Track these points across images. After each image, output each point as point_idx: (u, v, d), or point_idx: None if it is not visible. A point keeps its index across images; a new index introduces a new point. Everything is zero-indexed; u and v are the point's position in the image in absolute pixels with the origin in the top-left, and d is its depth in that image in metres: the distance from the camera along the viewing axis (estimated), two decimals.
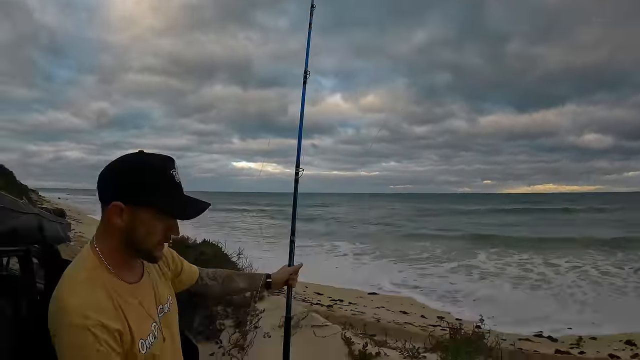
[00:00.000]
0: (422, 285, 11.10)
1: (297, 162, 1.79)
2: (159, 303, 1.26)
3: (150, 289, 1.25)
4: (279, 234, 24.21)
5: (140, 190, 1.08)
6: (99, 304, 1.03)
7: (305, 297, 7.60)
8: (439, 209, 50.56)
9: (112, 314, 1.05)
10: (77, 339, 0.98)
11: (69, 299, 1.01)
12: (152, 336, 1.16)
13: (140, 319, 1.14)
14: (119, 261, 1.14)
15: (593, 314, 8.35)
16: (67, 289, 1.05)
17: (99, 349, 0.99)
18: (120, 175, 1.10)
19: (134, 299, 1.14)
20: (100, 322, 1.00)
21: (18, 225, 1.58)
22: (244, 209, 53.16)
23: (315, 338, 3.15)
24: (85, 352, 0.98)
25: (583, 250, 16.98)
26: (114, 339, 1.02)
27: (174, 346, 1.30)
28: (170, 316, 1.31)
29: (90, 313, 1.00)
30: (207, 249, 5.09)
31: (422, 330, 6.59)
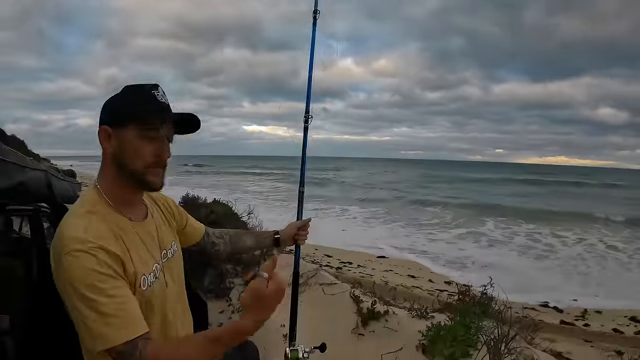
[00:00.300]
0: (430, 251, 11.19)
1: (307, 108, 1.69)
2: (162, 247, 1.23)
3: (154, 231, 1.22)
4: (289, 197, 24.43)
5: (123, 108, 1.10)
6: (99, 230, 1.02)
7: (314, 259, 7.70)
8: (450, 176, 50.18)
9: (113, 241, 1.03)
10: (76, 263, 0.96)
11: (68, 231, 1.00)
12: (154, 276, 1.12)
13: (143, 255, 1.11)
14: (120, 196, 1.13)
15: (598, 287, 8.37)
16: (66, 223, 1.04)
17: (101, 271, 0.96)
18: (108, 102, 1.14)
19: (135, 235, 1.12)
20: (100, 245, 0.98)
21: (25, 180, 1.55)
22: (252, 172, 53.43)
23: (324, 296, 3.17)
24: (87, 275, 0.95)
25: (592, 225, 16.86)
26: (115, 262, 1.00)
27: (178, 293, 1.27)
28: (173, 262, 1.28)
29: (90, 238, 0.98)
30: (217, 208, 5.11)
31: (430, 294, 6.67)
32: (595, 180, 53.93)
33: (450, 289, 7.30)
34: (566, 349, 5.13)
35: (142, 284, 1.06)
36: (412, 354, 2.45)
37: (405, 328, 2.67)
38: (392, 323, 2.74)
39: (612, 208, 22.33)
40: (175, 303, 1.22)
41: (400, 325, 2.71)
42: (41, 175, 1.75)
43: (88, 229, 1.00)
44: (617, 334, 6.05)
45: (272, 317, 1.00)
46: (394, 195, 28.34)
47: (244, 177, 45.21)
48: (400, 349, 2.50)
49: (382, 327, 2.73)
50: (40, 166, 1.77)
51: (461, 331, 2.38)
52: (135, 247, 1.09)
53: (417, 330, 2.54)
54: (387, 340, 2.62)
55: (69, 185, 1.97)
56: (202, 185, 30.15)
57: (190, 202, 5.47)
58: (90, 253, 0.96)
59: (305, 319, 3.04)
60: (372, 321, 2.79)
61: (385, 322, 2.76)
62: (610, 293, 7.92)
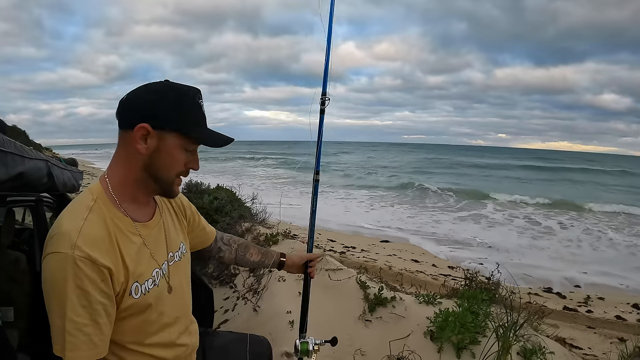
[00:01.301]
0: (434, 233, 11.19)
1: (324, 90, 1.60)
2: (169, 249, 1.18)
3: (161, 232, 1.17)
4: (292, 182, 24.39)
5: (170, 113, 1.03)
6: (93, 234, 0.96)
7: (318, 243, 7.71)
8: (452, 161, 49.94)
9: (105, 247, 0.98)
10: (59, 268, 0.92)
11: (64, 224, 0.96)
12: (152, 282, 1.08)
13: (140, 261, 1.06)
14: (129, 194, 1.08)
15: (601, 275, 8.34)
16: (64, 215, 1.00)
17: (79, 285, 0.92)
18: (149, 98, 1.04)
19: (138, 237, 1.07)
20: (89, 256, 0.93)
21: (25, 170, 1.52)
22: (255, 157, 53.33)
23: (330, 282, 3.15)
24: (64, 285, 0.92)
25: (596, 211, 16.77)
26: (101, 277, 0.95)
27: (181, 298, 1.22)
28: (181, 266, 1.23)
29: (80, 243, 0.93)
30: (221, 193, 5.09)
31: (434, 279, 6.69)
32: (599, 166, 52.30)
33: (454, 274, 7.33)
34: (569, 334, 5.16)
35: (135, 292, 1.03)
36: (420, 340, 2.43)
37: (413, 314, 2.65)
38: (399, 309, 2.72)
39: (616, 196, 22.09)
40: (178, 308, 1.18)
41: (408, 311, 2.69)
42: (42, 165, 1.71)
43: (82, 232, 0.95)
44: (620, 321, 6.06)
45: (280, 303, 1.10)
46: (396, 179, 28.30)
47: (246, 162, 45.15)
48: (408, 335, 2.49)
49: (389, 314, 2.71)
50: (41, 155, 1.73)
51: (469, 318, 2.36)
52: (132, 252, 1.04)
53: (425, 317, 2.53)
54: (394, 327, 2.60)
55: (71, 174, 1.93)
56: (204, 171, 30.19)
57: (194, 188, 5.45)
58: (75, 264, 0.92)
59: (312, 305, 3.03)
60: (379, 307, 2.77)
61: (392, 308, 2.74)
62: (615, 280, 7.92)
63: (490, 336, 2.30)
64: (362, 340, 2.57)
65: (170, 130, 1.03)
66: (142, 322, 1.06)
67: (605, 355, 4.20)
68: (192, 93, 1.08)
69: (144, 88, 1.06)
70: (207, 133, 1.10)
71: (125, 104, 1.06)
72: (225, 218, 4.62)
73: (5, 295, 1.77)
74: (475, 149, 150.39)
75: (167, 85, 1.07)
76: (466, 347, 2.30)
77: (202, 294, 2.04)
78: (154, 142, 1.03)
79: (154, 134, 1.02)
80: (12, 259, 1.85)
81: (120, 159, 1.07)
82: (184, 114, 1.05)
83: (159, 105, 1.03)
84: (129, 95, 1.06)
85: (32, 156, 1.60)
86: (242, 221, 4.74)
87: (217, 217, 4.67)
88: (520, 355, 2.33)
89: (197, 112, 1.08)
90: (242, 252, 1.59)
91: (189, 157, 1.09)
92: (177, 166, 1.08)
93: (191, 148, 1.08)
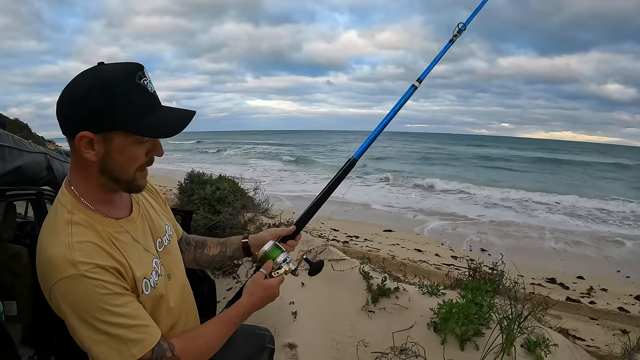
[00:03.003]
0: (436, 224, 11.16)
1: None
2: (156, 236, 1.14)
3: (144, 221, 1.12)
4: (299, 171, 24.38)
5: (107, 113, 0.89)
6: (86, 243, 0.91)
7: (321, 232, 7.68)
8: (456, 151, 49.51)
9: (105, 250, 0.94)
10: (75, 291, 0.87)
11: (52, 250, 0.89)
12: (156, 274, 1.05)
13: (139, 257, 1.03)
14: (100, 198, 1.01)
15: (604, 266, 8.31)
16: (46, 240, 0.92)
17: (103, 293, 0.89)
18: (81, 99, 0.89)
19: (126, 234, 1.02)
20: (95, 264, 0.89)
21: (23, 164, 1.49)
22: (257, 147, 53.26)
23: (333, 272, 3.14)
24: (92, 301, 0.88)
25: (600, 202, 16.66)
26: (115, 277, 0.92)
27: (181, 283, 1.19)
28: (171, 249, 1.20)
29: (80, 257, 0.88)
30: (223, 184, 5.07)
31: (437, 269, 6.68)
32: (605, 157, 50.31)
33: (457, 264, 7.32)
34: (572, 326, 5.15)
35: (145, 289, 1.00)
36: (424, 331, 2.42)
37: (416, 305, 2.64)
38: (402, 300, 2.71)
39: (623, 189, 21.75)
40: (179, 293, 1.16)
41: (411, 302, 2.68)
42: (41, 158, 1.69)
43: (75, 246, 0.89)
44: (622, 313, 6.05)
45: (283, 294, 1.09)
46: (400, 167, 28.21)
47: (249, 150, 45.07)
48: (411, 326, 2.48)
49: (392, 304, 2.70)
50: (40, 149, 1.70)
51: (473, 309, 2.34)
52: (130, 250, 1.01)
53: (429, 308, 2.51)
54: (397, 318, 2.59)
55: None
56: (206, 161, 30.19)
57: (196, 179, 5.43)
58: (87, 276, 0.87)
59: (315, 295, 3.03)
60: (383, 298, 2.76)
61: (395, 299, 2.73)
62: (616, 272, 7.89)
63: (494, 328, 2.28)
64: (365, 331, 2.57)
65: (113, 130, 0.91)
66: (158, 316, 1.05)
67: (607, 347, 4.20)
68: (125, 75, 0.91)
69: (76, 84, 0.92)
70: (157, 121, 0.94)
71: (60, 108, 0.93)
72: (227, 208, 4.60)
73: (7, 289, 1.77)
74: (477, 138, 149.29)
75: (101, 75, 0.90)
76: (470, 339, 2.29)
77: (206, 286, 2.04)
78: (101, 147, 0.92)
79: (98, 138, 0.91)
80: (14, 253, 1.84)
81: (77, 167, 0.98)
82: (121, 107, 0.89)
83: (87, 106, 0.88)
84: (61, 96, 0.93)
85: (31, 149, 1.58)
86: (244, 211, 4.72)
87: (220, 208, 4.65)
88: (524, 347, 2.31)
89: (137, 98, 0.92)
90: (200, 249, 1.45)
91: (148, 147, 0.98)
92: (134, 163, 0.97)
93: (145, 140, 0.96)
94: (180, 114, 0.98)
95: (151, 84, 0.96)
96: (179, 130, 0.95)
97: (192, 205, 4.80)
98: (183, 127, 0.96)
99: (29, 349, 1.66)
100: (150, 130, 0.93)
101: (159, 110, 0.96)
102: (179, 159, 33.69)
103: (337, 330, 2.62)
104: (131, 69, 0.92)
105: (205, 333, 1.06)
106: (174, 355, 0.98)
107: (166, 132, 0.94)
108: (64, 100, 0.92)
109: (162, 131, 0.94)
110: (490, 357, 2.13)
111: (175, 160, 31.29)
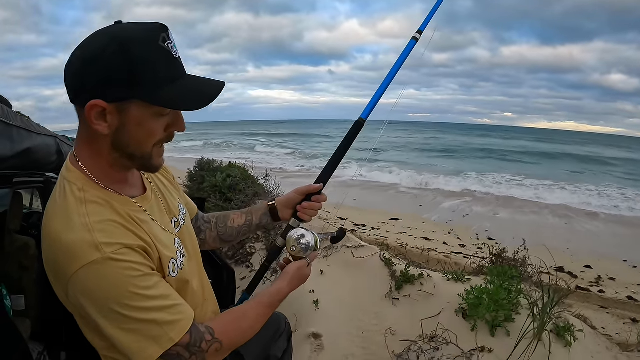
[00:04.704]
0: (441, 212, 11.14)
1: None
2: (171, 215, 1.05)
3: (158, 200, 1.03)
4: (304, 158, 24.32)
5: (124, 80, 0.77)
6: (108, 224, 0.80)
7: (329, 221, 7.65)
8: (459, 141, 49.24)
9: (129, 230, 0.83)
10: (104, 279, 0.76)
11: (67, 235, 0.77)
12: (180, 254, 0.96)
13: (162, 236, 0.93)
14: (111, 176, 0.89)
15: (610, 255, 8.29)
16: (57, 224, 0.80)
17: (136, 275, 0.79)
18: (93, 63, 0.77)
19: (144, 214, 0.92)
20: (121, 244, 0.79)
21: (33, 146, 1.40)
22: (261, 137, 53.13)
23: (353, 259, 3.09)
24: (122, 287, 0.77)
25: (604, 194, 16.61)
26: (143, 257, 0.82)
27: (199, 265, 1.12)
28: (188, 229, 1.11)
29: (103, 239, 0.77)
30: (234, 171, 5.01)
31: (446, 257, 6.65)
32: (609, 149, 48.44)
33: (465, 252, 7.29)
34: (583, 314, 5.15)
35: (172, 270, 0.91)
36: (452, 318, 2.36)
37: (442, 292, 2.58)
38: (427, 287, 2.64)
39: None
40: (198, 275, 1.09)
41: (437, 289, 2.61)
42: (51, 142, 1.58)
43: (94, 227, 0.78)
44: (631, 302, 6.06)
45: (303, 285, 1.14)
46: (401, 156, 28.13)
47: (254, 141, 44.86)
48: (439, 313, 2.42)
49: (417, 291, 2.64)
50: (50, 132, 1.61)
51: (503, 294, 2.29)
52: (152, 229, 0.91)
53: (457, 294, 2.45)
54: (423, 305, 2.53)
55: None
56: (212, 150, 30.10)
57: (206, 166, 5.36)
58: (115, 259, 0.77)
59: (335, 283, 2.98)
60: (407, 285, 2.70)
61: (420, 285, 2.67)
62: (622, 261, 7.87)
63: (526, 314, 2.23)
64: (391, 319, 2.51)
65: (129, 100, 0.79)
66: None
67: (619, 335, 4.19)
68: (146, 36, 0.78)
69: (90, 44, 0.79)
70: (181, 91, 0.82)
71: (69, 72, 0.81)
72: (239, 196, 4.55)
73: (15, 282, 1.70)
74: (480, 127, 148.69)
75: (109, 34, 0.78)
76: (500, 325, 2.24)
77: (225, 274, 1.98)
78: (115, 119, 0.80)
79: (111, 108, 0.79)
80: (22, 245, 1.76)
81: (85, 141, 0.87)
82: (140, 73, 0.77)
83: (100, 70, 0.77)
84: (72, 58, 0.80)
85: (40, 132, 1.47)
86: (256, 198, 4.67)
87: (231, 195, 4.59)
88: (554, 333, 2.27)
89: (160, 63, 0.79)
90: (222, 223, 1.34)
91: (168, 121, 0.87)
92: (152, 138, 0.86)
93: (167, 111, 0.85)
94: (208, 84, 0.86)
95: (176, 48, 0.84)
96: (206, 102, 0.83)
97: (202, 193, 4.74)
98: (212, 100, 0.84)
99: (37, 344, 1.58)
100: (173, 101, 0.81)
101: (184, 79, 0.84)
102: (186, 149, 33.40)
103: (362, 318, 2.56)
104: (154, 29, 0.79)
105: (248, 315, 0.99)
106: (214, 338, 0.90)
107: (192, 104, 0.83)
108: (73, 63, 0.80)
109: (187, 103, 0.82)
110: (522, 343, 2.08)
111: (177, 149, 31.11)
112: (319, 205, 1.26)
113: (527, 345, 2.07)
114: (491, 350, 2.14)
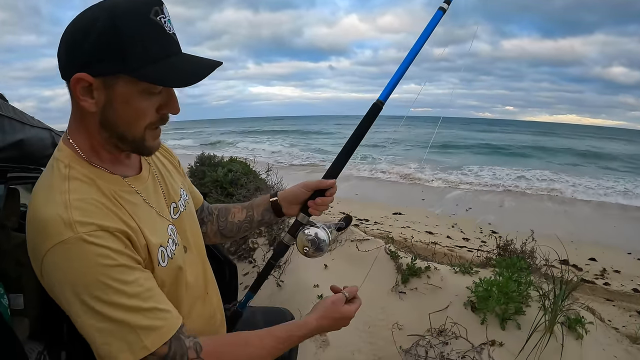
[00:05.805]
0: (444, 206, 11.09)
1: None
2: (170, 200, 0.96)
3: (155, 182, 0.94)
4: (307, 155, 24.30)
5: (111, 52, 0.72)
6: (87, 201, 0.73)
7: (332, 216, 7.60)
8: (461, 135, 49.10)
9: (111, 211, 0.75)
10: (72, 259, 0.69)
11: (45, 211, 0.71)
12: (173, 242, 0.87)
13: (152, 221, 0.84)
14: (103, 156, 0.83)
15: (615, 248, 8.23)
16: (38, 199, 0.75)
17: (110, 264, 0.70)
18: (82, 34, 0.72)
19: (136, 195, 0.84)
20: (97, 225, 0.71)
21: (25, 137, 1.34)
22: (262, 134, 53.06)
23: (358, 252, 3.03)
24: (92, 275, 0.69)
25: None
26: (123, 243, 0.73)
27: (200, 256, 1.02)
28: (188, 217, 1.01)
29: (79, 217, 0.70)
30: (236, 165, 4.95)
31: (450, 251, 6.60)
32: (612, 144, 47.55)
33: (469, 245, 7.24)
34: (590, 306, 5.11)
35: (161, 259, 0.82)
36: (461, 311, 2.31)
37: (450, 285, 2.52)
38: (435, 279, 2.59)
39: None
40: (199, 268, 1.00)
41: (444, 281, 2.56)
42: (45, 135, 1.52)
43: (73, 204, 0.72)
44: (637, 294, 6.01)
45: (305, 277, 0.98)
46: (403, 150, 28.06)
47: (255, 138, 44.81)
48: (447, 307, 2.37)
49: (424, 284, 2.59)
50: (44, 124, 1.55)
51: (513, 286, 2.24)
52: (141, 212, 0.83)
53: (465, 287, 2.40)
54: (431, 298, 2.48)
55: None
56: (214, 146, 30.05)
57: (207, 161, 5.30)
58: (87, 240, 0.69)
59: (340, 277, 2.93)
60: (414, 278, 2.64)
61: (427, 278, 2.61)
62: (627, 254, 7.81)
63: (536, 307, 2.18)
64: (397, 314, 2.45)
65: (116, 75, 0.74)
66: (178, 294, 0.89)
67: (625, 327, 4.14)
68: (137, 7, 0.73)
69: (73, 21, 0.76)
70: (171, 67, 0.76)
71: (58, 49, 0.77)
72: (241, 190, 4.50)
73: (13, 281, 1.65)
74: (482, 121, 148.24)
75: (101, 6, 0.74)
76: (511, 318, 2.18)
77: (227, 270, 1.93)
78: (101, 94, 0.75)
79: (97, 83, 0.74)
80: (19, 242, 1.71)
81: (75, 119, 0.82)
82: (127, 46, 0.72)
83: (87, 42, 0.72)
84: (64, 33, 0.76)
85: (34, 124, 1.41)
86: (258, 193, 4.61)
87: (233, 190, 4.54)
88: (565, 325, 2.22)
89: (150, 37, 0.74)
90: (223, 217, 1.26)
91: (160, 101, 0.80)
92: (142, 118, 0.79)
93: (157, 90, 0.79)
94: (200, 63, 0.80)
95: (170, 24, 0.78)
96: (196, 79, 0.76)
97: (203, 188, 4.69)
98: (203, 77, 0.77)
99: (37, 344, 1.52)
100: (161, 76, 0.75)
101: (177, 56, 0.79)
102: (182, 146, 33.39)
103: (368, 312, 2.51)
104: (147, 2, 0.74)
105: (251, 343, 0.86)
106: (199, 357, 0.77)
107: (180, 80, 0.76)
108: (64, 36, 0.76)
109: (175, 79, 0.76)
110: (534, 336, 2.03)
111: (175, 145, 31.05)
112: (331, 199, 1.17)
113: (539, 338, 2.02)
114: (502, 344, 2.09)
